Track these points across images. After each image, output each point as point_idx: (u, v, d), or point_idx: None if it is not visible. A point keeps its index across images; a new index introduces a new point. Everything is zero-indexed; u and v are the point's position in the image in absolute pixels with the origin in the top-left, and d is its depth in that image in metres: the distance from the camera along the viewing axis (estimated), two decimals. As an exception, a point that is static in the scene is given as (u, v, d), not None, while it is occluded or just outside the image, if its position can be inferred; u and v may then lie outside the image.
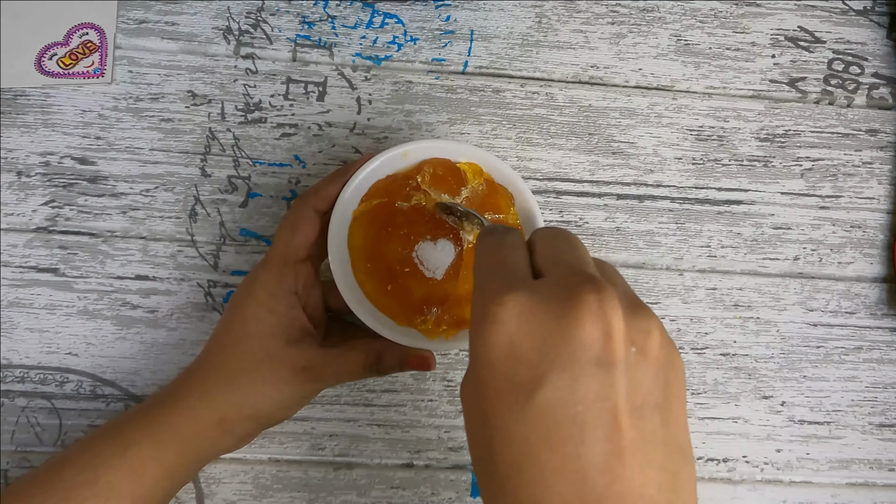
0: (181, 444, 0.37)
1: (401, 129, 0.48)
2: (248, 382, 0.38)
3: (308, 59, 0.48)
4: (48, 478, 0.36)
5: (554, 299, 0.24)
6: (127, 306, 0.46)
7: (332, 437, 0.46)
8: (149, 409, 0.38)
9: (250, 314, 0.38)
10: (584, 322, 0.23)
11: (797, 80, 0.51)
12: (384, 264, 0.39)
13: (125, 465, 0.36)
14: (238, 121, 0.47)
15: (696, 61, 0.51)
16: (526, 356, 0.24)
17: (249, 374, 0.38)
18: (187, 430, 0.37)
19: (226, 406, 0.37)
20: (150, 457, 0.36)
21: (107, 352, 0.45)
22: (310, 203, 0.39)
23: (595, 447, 0.23)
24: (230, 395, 0.37)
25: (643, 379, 0.24)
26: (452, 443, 0.46)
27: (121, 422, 0.38)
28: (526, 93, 0.50)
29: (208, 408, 0.37)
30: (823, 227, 0.51)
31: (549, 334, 0.23)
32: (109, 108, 0.47)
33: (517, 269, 0.27)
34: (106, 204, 0.46)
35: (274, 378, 0.38)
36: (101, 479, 0.35)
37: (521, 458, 0.23)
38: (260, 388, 0.38)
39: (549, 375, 0.23)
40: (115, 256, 0.46)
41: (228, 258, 0.47)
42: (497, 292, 0.25)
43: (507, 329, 0.24)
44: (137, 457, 0.36)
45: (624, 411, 0.23)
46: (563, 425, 0.23)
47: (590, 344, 0.23)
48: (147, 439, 0.37)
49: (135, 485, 0.36)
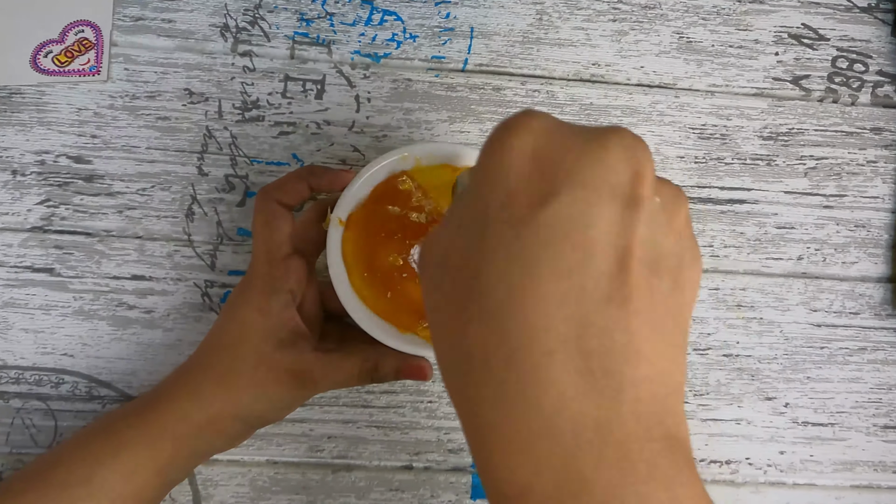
0: (174, 443, 0.37)
1: (400, 128, 0.48)
2: (237, 383, 0.37)
3: (306, 57, 0.48)
4: (41, 476, 0.36)
5: (586, 129, 0.22)
6: (123, 307, 0.46)
7: (331, 439, 0.46)
8: (141, 407, 0.38)
9: (242, 316, 0.38)
10: (614, 151, 0.20)
11: (801, 78, 0.51)
12: (381, 272, 0.38)
13: (118, 464, 0.36)
14: (235, 119, 0.47)
15: (699, 59, 0.51)
16: (546, 168, 0.21)
17: (239, 375, 0.37)
18: (179, 429, 0.37)
19: (217, 406, 0.37)
20: (144, 456, 0.36)
21: (103, 353, 0.45)
22: (273, 196, 0.39)
23: (600, 282, 0.19)
24: (219, 396, 0.37)
25: (663, 240, 0.21)
26: (452, 445, 0.46)
27: (114, 420, 0.38)
28: (527, 91, 0.49)
29: (199, 407, 0.37)
30: (827, 227, 0.50)
31: (576, 153, 0.21)
32: (105, 107, 0.47)
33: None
34: (102, 203, 0.46)
35: (264, 381, 0.38)
36: (95, 478, 0.35)
37: (521, 282, 0.19)
38: (250, 391, 0.37)
39: (566, 188, 0.20)
40: (111, 256, 0.46)
41: (226, 258, 0.47)
42: (525, 112, 0.22)
43: (532, 139, 0.21)
44: (131, 456, 0.36)
45: (636, 258, 0.20)
46: (569, 248, 0.20)
47: (616, 173, 0.20)
48: (140, 438, 0.37)
49: (128, 484, 0.36)
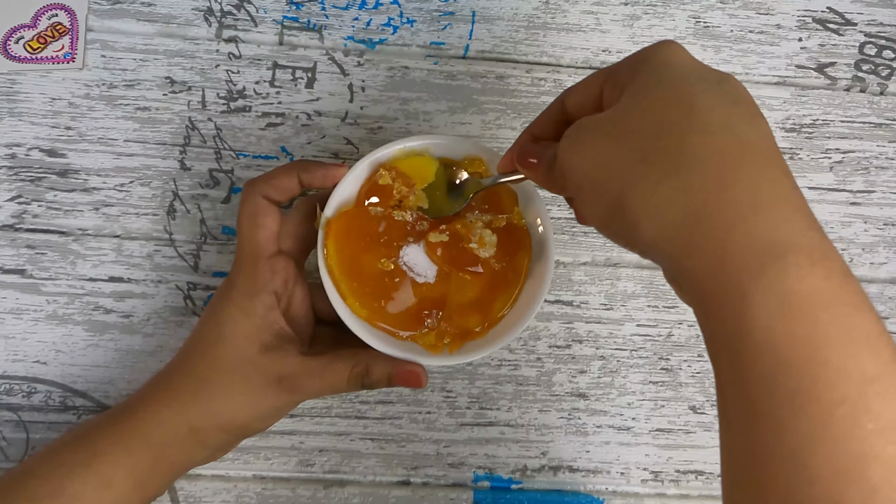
0: (151, 453, 0.36)
1: (396, 119, 0.47)
2: (218, 390, 0.37)
3: (296, 43, 0.47)
4: (12, 488, 0.35)
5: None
6: (100, 310, 0.44)
7: (323, 453, 0.44)
8: (117, 415, 0.37)
9: (225, 317, 0.37)
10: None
11: (826, 66, 0.49)
12: (371, 280, 0.37)
13: (92, 475, 0.35)
14: (220, 110, 0.46)
15: (717, 45, 0.49)
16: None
17: (220, 381, 0.37)
18: (157, 438, 0.36)
19: (195, 414, 0.36)
20: (119, 466, 0.35)
21: (78, 360, 0.44)
22: (260, 191, 0.38)
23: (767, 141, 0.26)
24: (200, 403, 0.36)
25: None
26: (452, 458, 0.45)
27: (87, 429, 0.37)
28: (532, 79, 0.47)
29: (178, 415, 0.36)
30: (854, 225, 0.48)
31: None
32: (81, 96, 0.45)
33: None
34: (77, 200, 0.45)
35: (246, 387, 0.37)
36: (67, 490, 0.34)
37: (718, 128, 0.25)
38: (231, 397, 0.36)
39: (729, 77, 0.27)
40: (87, 256, 0.44)
41: (210, 258, 0.45)
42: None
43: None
44: (105, 466, 0.35)
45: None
46: (748, 111, 0.26)
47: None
48: (115, 447, 0.36)
49: (103, 496, 0.35)
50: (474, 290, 0.38)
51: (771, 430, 0.21)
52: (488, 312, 0.38)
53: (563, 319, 0.46)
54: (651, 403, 0.45)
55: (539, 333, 0.45)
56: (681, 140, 0.25)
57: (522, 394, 0.45)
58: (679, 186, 0.24)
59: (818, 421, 0.21)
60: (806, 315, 0.21)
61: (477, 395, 0.45)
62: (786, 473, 0.21)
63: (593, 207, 0.28)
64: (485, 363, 0.45)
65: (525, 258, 0.39)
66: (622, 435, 0.45)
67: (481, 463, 0.44)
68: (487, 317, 0.38)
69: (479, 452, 0.44)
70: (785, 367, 0.21)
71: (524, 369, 0.45)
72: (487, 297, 0.38)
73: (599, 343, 0.45)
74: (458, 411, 0.45)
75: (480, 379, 0.45)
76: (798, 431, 0.21)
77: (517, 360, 0.45)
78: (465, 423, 0.44)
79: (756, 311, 0.22)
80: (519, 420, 0.45)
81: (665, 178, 0.25)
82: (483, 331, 0.38)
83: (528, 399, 0.45)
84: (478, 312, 0.38)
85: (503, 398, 0.45)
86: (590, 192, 0.27)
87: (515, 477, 0.44)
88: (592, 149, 0.28)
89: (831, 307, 0.21)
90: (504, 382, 0.45)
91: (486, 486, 0.44)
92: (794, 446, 0.21)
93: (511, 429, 0.44)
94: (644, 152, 0.26)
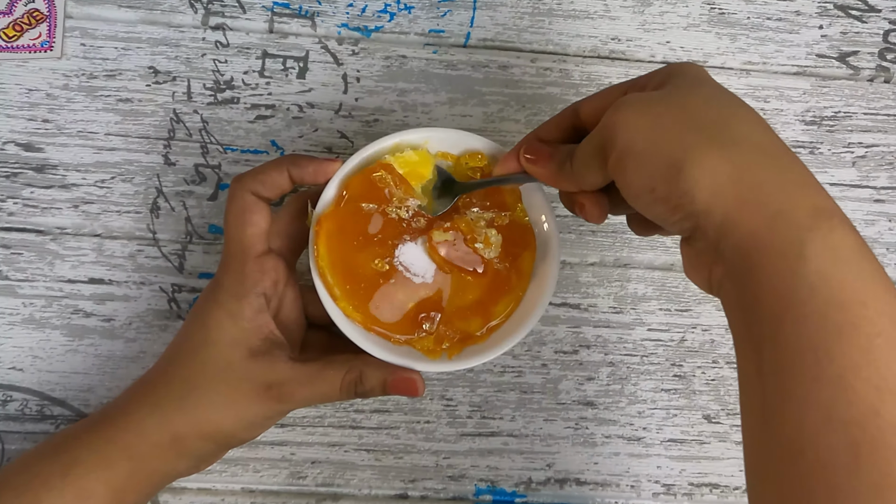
0: (131, 464, 0.36)
1: (393, 111, 0.46)
2: (203, 397, 0.36)
3: (287, 31, 0.45)
4: None
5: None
6: (79, 314, 0.43)
7: (315, 465, 0.43)
8: (95, 423, 0.37)
9: (211, 321, 0.37)
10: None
11: (848, 55, 0.48)
12: (365, 281, 0.37)
13: (69, 487, 0.35)
14: (207, 101, 0.45)
15: (733, 33, 0.47)
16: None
17: (205, 387, 0.36)
18: (137, 447, 0.36)
19: (179, 422, 0.36)
20: (96, 477, 0.35)
21: (56, 366, 0.43)
22: (249, 187, 0.37)
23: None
24: (183, 410, 0.36)
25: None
26: (452, 471, 0.44)
27: (64, 438, 0.37)
28: (537, 69, 0.46)
29: (159, 423, 0.36)
30: (878, 224, 0.47)
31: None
32: (59, 87, 0.44)
33: None
34: (55, 197, 0.44)
35: (233, 394, 0.36)
36: (43, 503, 0.34)
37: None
38: (216, 405, 0.36)
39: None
40: (66, 257, 0.44)
41: (195, 259, 0.44)
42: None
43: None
44: (82, 477, 0.35)
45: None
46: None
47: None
48: (92, 457, 0.35)
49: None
50: (475, 291, 0.38)
51: (820, 358, 0.25)
52: (490, 315, 0.38)
53: (569, 323, 0.45)
54: (663, 412, 0.44)
55: (544, 338, 0.44)
56: (732, 115, 0.30)
57: (527, 402, 0.44)
58: (734, 150, 0.28)
59: (861, 349, 0.25)
60: (851, 264, 0.26)
61: (478, 403, 0.44)
62: (829, 392, 0.25)
63: (643, 171, 0.29)
64: (487, 369, 0.44)
65: (529, 258, 0.38)
66: (632, 446, 0.44)
67: (483, 475, 0.43)
68: (489, 320, 0.38)
69: (481, 464, 0.43)
70: (835, 305, 0.26)
71: (528, 376, 0.44)
72: (489, 299, 0.38)
73: (608, 348, 0.45)
74: (458, 421, 0.44)
75: (482, 386, 0.44)
76: (844, 356, 0.25)
77: (521, 366, 0.44)
78: (466, 433, 0.44)
79: (811, 257, 0.26)
80: (523, 430, 0.44)
81: (721, 145, 0.28)
82: (484, 335, 0.38)
83: (532, 408, 0.44)
84: (479, 315, 0.38)
85: (506, 407, 0.44)
86: (642, 156, 0.29)
87: (519, 490, 0.43)
88: (649, 114, 0.30)
89: (866, 260, 0.27)
90: (507, 390, 0.44)
91: (489, 500, 0.43)
92: (840, 370, 0.25)
93: (515, 439, 0.44)
94: (699, 122, 0.29)
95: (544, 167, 0.35)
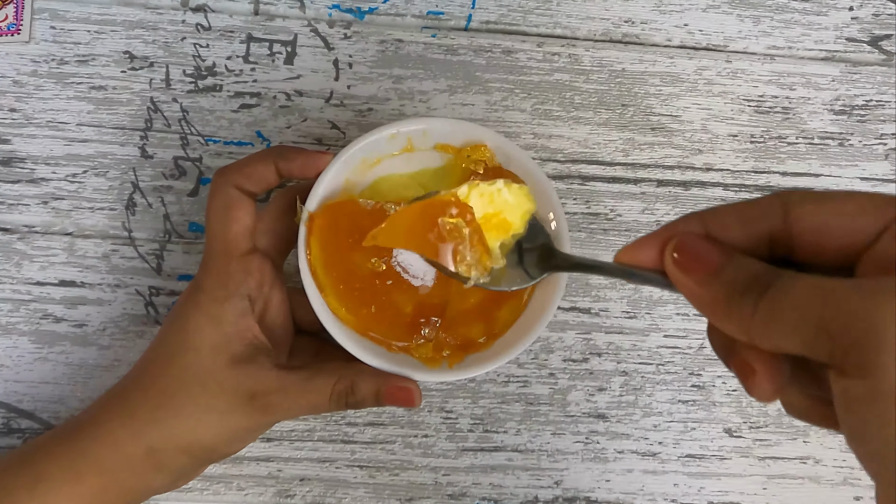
0: (102, 478, 0.35)
1: (388, 100, 0.44)
2: (181, 407, 0.35)
3: (273, 13, 0.44)
4: None
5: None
6: (49, 319, 0.43)
7: (304, 482, 0.43)
8: (64, 434, 0.36)
9: (190, 325, 0.36)
10: None
11: (880, 39, 0.46)
12: (359, 283, 0.36)
13: (35, 502, 0.34)
14: (187, 89, 0.44)
15: (756, 15, 0.46)
16: None
17: (183, 396, 0.36)
18: (109, 460, 0.35)
19: (154, 434, 0.35)
20: (65, 492, 0.34)
21: (24, 376, 0.42)
22: (232, 180, 0.37)
23: None
24: (159, 421, 0.35)
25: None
26: (452, 488, 0.43)
27: (31, 450, 0.36)
28: (544, 54, 0.45)
29: (132, 435, 0.35)
30: None
31: None
32: (27, 73, 0.43)
33: None
34: (22, 192, 0.43)
35: (213, 404, 0.35)
36: None
37: None
38: (195, 415, 0.35)
39: None
40: (35, 257, 0.43)
41: (174, 259, 0.43)
42: None
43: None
44: (50, 492, 0.34)
45: None
46: None
47: None
48: (61, 471, 0.35)
49: None
50: (478, 295, 0.37)
51: None
52: (494, 321, 0.37)
53: (579, 329, 0.43)
54: (680, 425, 0.43)
55: (552, 345, 0.43)
56: None
57: (533, 414, 0.43)
58: None
59: None
60: None
61: (481, 415, 0.43)
62: None
63: None
64: (490, 379, 0.43)
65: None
66: (647, 462, 0.43)
67: (486, 493, 0.42)
68: (493, 326, 0.37)
69: (484, 482, 0.42)
70: None
71: (535, 386, 0.43)
72: (493, 304, 0.37)
73: (621, 356, 0.43)
74: (459, 434, 0.43)
75: (485, 397, 0.43)
76: None
77: (527, 375, 0.43)
78: (468, 447, 0.43)
79: None
80: (529, 444, 0.43)
81: None
82: (487, 342, 0.37)
83: (539, 420, 0.43)
84: (482, 321, 0.37)
85: (511, 419, 0.43)
86: None
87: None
88: None
89: None
90: (512, 401, 0.43)
91: (492, 521, 0.42)
92: None
93: (520, 454, 0.43)
94: None
95: (701, 285, 0.23)
